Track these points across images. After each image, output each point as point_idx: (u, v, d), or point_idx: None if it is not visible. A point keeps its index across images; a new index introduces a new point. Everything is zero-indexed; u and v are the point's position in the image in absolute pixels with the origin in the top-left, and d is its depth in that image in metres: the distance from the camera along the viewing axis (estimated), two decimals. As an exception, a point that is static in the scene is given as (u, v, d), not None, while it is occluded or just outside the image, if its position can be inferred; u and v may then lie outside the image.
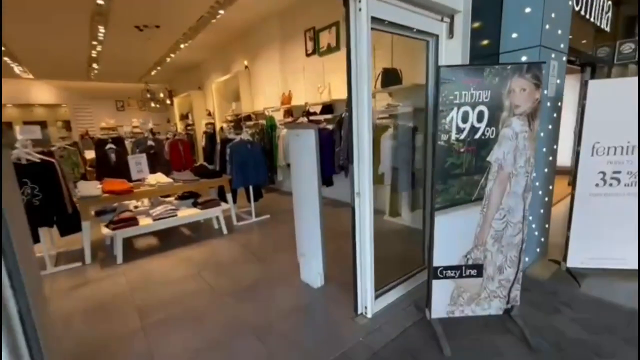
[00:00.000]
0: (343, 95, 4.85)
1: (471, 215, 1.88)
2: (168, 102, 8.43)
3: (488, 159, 1.81)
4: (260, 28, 6.35)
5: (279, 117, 6.24)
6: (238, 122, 7.30)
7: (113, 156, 4.77)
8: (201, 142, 9.63)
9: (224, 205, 4.01)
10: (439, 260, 1.93)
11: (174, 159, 7.04)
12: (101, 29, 5.99)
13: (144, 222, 3.46)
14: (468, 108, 1.75)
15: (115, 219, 3.27)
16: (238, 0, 5.24)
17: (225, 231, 4.04)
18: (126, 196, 3.45)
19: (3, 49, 6.88)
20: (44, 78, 11.20)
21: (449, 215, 1.86)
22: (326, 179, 5.19)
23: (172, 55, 8.35)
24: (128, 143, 6.15)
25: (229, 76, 7.54)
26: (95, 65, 9.13)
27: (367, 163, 1.96)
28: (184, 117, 11.17)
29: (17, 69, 9.42)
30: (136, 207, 4.03)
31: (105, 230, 3.24)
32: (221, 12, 5.62)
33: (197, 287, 2.78)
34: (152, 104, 8.71)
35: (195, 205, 3.96)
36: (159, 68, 9.90)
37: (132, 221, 3.32)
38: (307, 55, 5.47)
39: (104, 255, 3.57)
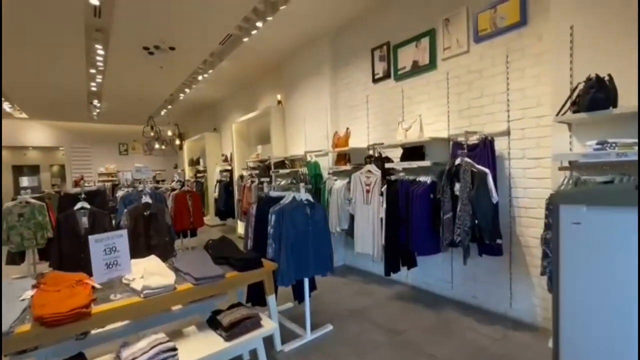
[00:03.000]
0: (442, 132, 3.22)
1: None
2: (178, 142, 6.95)
3: None
4: (301, 51, 5.00)
5: (325, 163, 4.59)
6: (266, 170, 5.66)
7: (85, 221, 3.02)
8: (214, 192, 7.99)
9: (266, 323, 2.13)
10: None
11: (180, 217, 5.30)
12: (99, 50, 4.64)
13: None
14: None
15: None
16: (276, 15, 3.89)
17: (266, 376, 2.11)
18: (75, 325, 1.62)
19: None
20: (40, 118, 9.95)
21: None
22: (411, 258, 3.37)
23: (187, 90, 7.04)
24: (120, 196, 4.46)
25: (256, 113, 6.08)
26: (96, 103, 7.84)
27: None
28: (194, 162, 9.68)
29: (7, 107, 8.15)
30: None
31: None
32: (255, 30, 4.27)
33: None
34: (157, 145, 7.20)
35: (215, 325, 2.09)
36: (169, 107, 8.61)
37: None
38: (375, 80, 3.97)
39: None
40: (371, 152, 3.90)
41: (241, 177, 6.63)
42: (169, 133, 7.06)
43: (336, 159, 4.39)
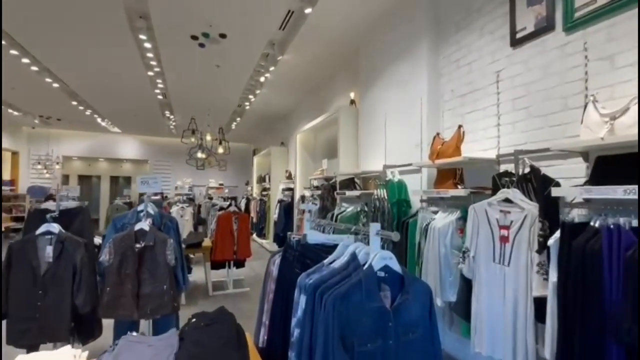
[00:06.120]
0: None
1: None
2: (221, 150, 6.08)
3: None
4: (385, 25, 3.55)
5: (415, 184, 2.97)
6: (330, 190, 4.27)
7: (49, 252, 2.02)
8: (274, 213, 6.94)
9: None
10: None
11: (222, 245, 4.23)
12: (146, 44, 3.99)
13: None
14: None
15: None
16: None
17: None
18: None
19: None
20: (130, 132, 10.62)
21: None
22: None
23: (252, 97, 6.25)
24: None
25: (322, 118, 4.82)
26: (168, 114, 7.70)
27: None
28: (262, 179, 8.97)
29: (100, 121, 8.67)
30: None
31: None
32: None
33: None
34: (200, 154, 6.49)
35: None
36: (239, 119, 8.07)
37: None
38: (517, 42, 2.26)
39: None
40: (508, 167, 2.17)
41: (302, 197, 5.38)
42: (208, 138, 6.24)
43: (436, 179, 2.71)
